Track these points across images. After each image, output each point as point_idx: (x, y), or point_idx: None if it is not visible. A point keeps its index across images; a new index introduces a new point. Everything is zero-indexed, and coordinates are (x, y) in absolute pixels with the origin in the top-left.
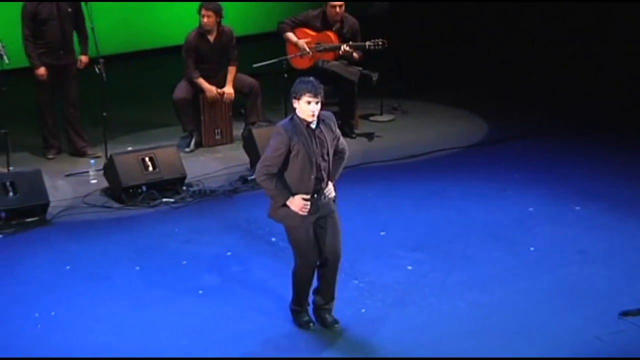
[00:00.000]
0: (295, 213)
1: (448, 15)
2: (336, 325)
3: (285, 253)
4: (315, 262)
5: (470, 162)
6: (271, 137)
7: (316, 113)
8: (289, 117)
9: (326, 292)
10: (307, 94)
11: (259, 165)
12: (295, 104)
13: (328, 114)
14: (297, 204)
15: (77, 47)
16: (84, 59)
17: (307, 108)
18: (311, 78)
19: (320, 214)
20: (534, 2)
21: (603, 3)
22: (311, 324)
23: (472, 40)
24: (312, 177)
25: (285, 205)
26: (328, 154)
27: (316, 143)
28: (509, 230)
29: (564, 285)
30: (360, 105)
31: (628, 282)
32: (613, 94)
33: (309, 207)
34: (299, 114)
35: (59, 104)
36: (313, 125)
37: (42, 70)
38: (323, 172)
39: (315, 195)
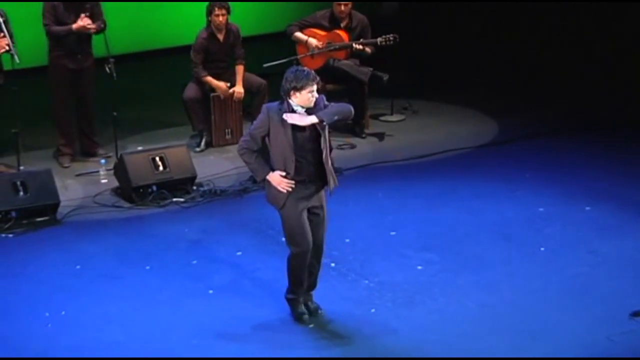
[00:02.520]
0: (277, 194)
1: (458, 15)
2: (319, 312)
3: None
4: (308, 249)
5: (481, 162)
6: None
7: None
8: (279, 102)
9: (308, 279)
10: (310, 85)
11: (240, 140)
12: (295, 95)
13: (319, 96)
14: (275, 179)
15: (101, 49)
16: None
17: (308, 97)
18: (301, 67)
19: (313, 203)
20: (545, 2)
21: (614, 2)
22: (305, 316)
23: (482, 40)
24: (293, 161)
25: (265, 181)
26: (316, 138)
27: (303, 129)
28: (519, 230)
29: (574, 286)
30: (370, 105)
31: (638, 283)
32: (624, 94)
33: (287, 184)
34: (297, 102)
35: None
36: (302, 110)
37: (79, 24)
38: (310, 156)
39: (307, 181)
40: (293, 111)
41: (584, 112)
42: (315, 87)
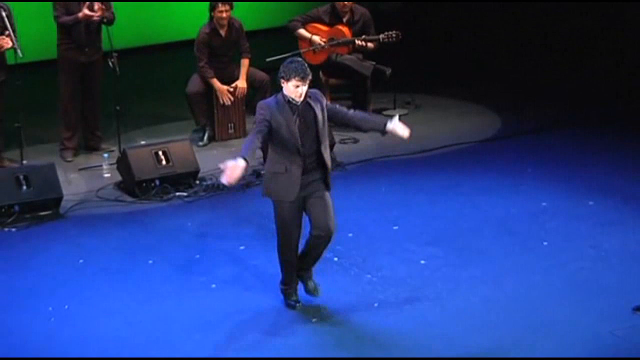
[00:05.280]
0: (283, 189)
1: (461, 9)
2: (318, 289)
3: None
4: (297, 242)
5: (484, 157)
6: (257, 114)
7: (303, 94)
8: (274, 96)
9: (310, 260)
10: (295, 78)
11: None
12: (283, 84)
13: (314, 90)
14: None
15: (105, 43)
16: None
17: (294, 90)
18: (299, 59)
19: (306, 193)
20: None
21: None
22: (298, 304)
23: (486, 35)
24: (300, 150)
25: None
26: (314, 128)
27: (299, 119)
28: (523, 225)
29: (578, 280)
30: (373, 99)
31: None
32: (627, 89)
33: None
34: (286, 93)
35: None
36: (298, 103)
37: (84, 12)
38: (308, 146)
39: (306, 170)
40: (288, 101)
41: (587, 107)
42: (301, 83)
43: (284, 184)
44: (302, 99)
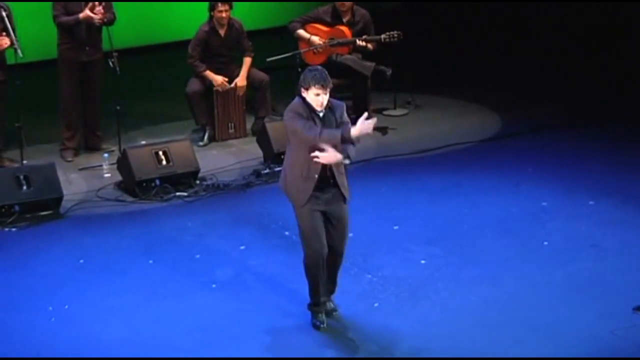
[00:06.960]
0: (296, 192)
1: (461, 9)
2: (334, 313)
3: (299, 247)
4: (322, 253)
5: (484, 156)
6: (291, 119)
7: (324, 103)
8: (299, 99)
9: (327, 282)
10: (315, 86)
11: (310, 137)
12: (304, 93)
13: (339, 103)
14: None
15: (105, 43)
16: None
17: (315, 99)
18: (319, 67)
19: (328, 209)
20: None
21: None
22: (323, 326)
23: (485, 34)
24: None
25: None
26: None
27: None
28: (523, 224)
29: (578, 280)
30: (373, 99)
31: None
32: (628, 88)
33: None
34: (308, 101)
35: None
36: (321, 114)
37: (86, 13)
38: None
39: (324, 186)
40: (312, 111)
41: (587, 106)
42: (322, 91)
43: (298, 188)
44: (322, 108)
